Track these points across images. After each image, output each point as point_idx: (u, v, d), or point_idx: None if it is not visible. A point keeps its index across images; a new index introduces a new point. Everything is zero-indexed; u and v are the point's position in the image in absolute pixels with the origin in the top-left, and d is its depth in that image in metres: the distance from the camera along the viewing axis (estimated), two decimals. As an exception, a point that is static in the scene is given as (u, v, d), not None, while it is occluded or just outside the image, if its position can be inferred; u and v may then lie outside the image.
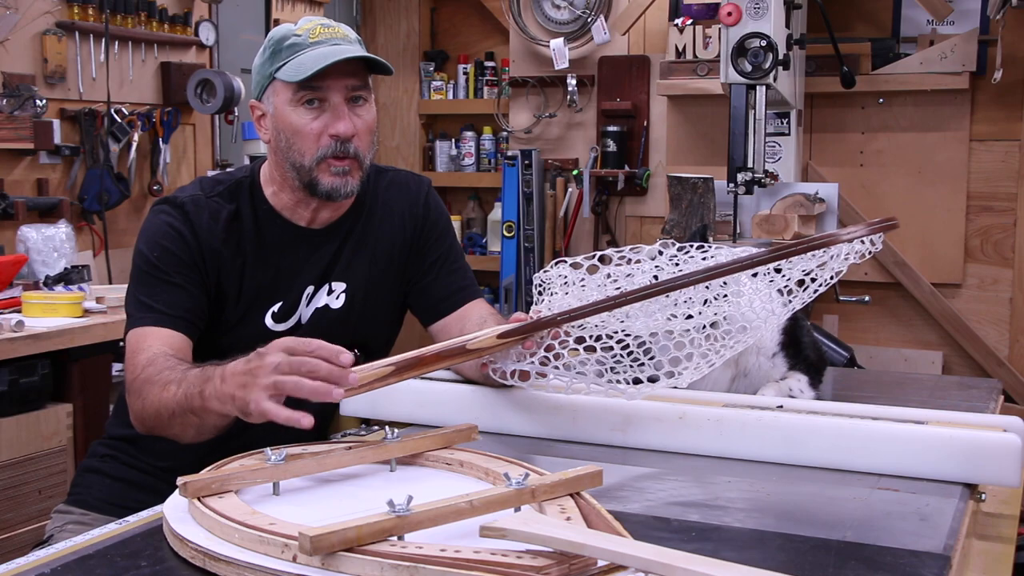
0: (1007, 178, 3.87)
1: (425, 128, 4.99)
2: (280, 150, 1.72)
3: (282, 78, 1.67)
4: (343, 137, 1.68)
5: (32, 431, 2.71)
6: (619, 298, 1.42)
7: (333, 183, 1.70)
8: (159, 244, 1.71)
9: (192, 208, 1.72)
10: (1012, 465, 1.36)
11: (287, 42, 1.69)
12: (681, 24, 4.09)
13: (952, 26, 3.87)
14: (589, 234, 4.47)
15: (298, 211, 1.78)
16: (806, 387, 1.77)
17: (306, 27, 1.70)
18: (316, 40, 1.68)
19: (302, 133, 1.69)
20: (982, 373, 3.84)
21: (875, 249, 1.40)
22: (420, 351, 1.43)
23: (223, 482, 1.22)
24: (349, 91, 1.69)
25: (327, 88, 1.67)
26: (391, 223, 1.87)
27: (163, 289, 1.68)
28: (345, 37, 1.71)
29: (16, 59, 3.34)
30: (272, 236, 1.77)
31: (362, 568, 0.99)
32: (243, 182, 1.79)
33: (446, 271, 1.89)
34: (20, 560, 1.13)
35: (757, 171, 3.29)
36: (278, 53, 1.69)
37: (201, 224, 1.72)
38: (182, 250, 1.70)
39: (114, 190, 3.61)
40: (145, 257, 1.71)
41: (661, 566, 0.92)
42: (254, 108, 1.76)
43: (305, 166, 1.70)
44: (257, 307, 1.76)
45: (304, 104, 1.68)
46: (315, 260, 1.79)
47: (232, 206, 1.75)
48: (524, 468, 1.28)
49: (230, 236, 1.73)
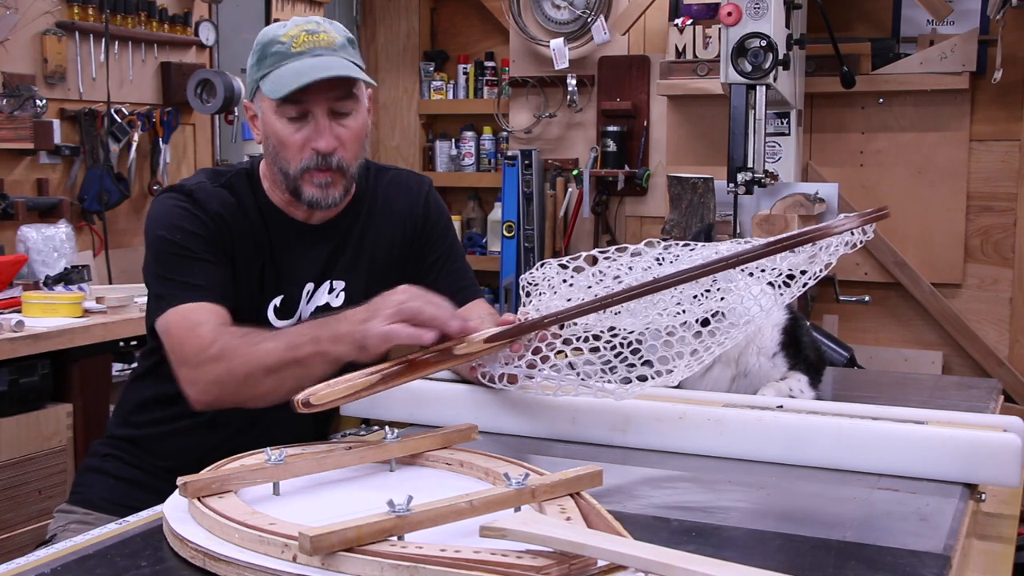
0: (1007, 178, 3.87)
1: (425, 128, 4.99)
2: (270, 154, 1.74)
3: (263, 91, 1.68)
4: (324, 152, 1.69)
5: (32, 431, 2.71)
6: (606, 299, 1.40)
7: (315, 194, 1.72)
8: (178, 226, 1.70)
9: (201, 195, 1.73)
10: (1012, 465, 1.36)
11: (272, 48, 1.69)
12: (681, 24, 4.09)
13: (952, 26, 3.87)
14: (589, 234, 4.47)
15: (291, 208, 1.79)
16: (806, 387, 1.77)
17: (291, 33, 1.69)
18: (299, 51, 1.67)
19: (286, 144, 1.70)
20: (982, 373, 3.84)
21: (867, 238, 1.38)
22: (407, 357, 1.43)
23: (223, 482, 1.22)
24: (331, 103, 1.69)
25: (309, 102, 1.67)
26: (391, 223, 1.87)
27: (196, 266, 1.67)
28: (330, 45, 1.69)
29: (16, 59, 3.34)
30: (273, 230, 1.78)
31: (362, 568, 0.99)
32: (242, 175, 1.80)
33: (447, 271, 1.89)
34: (20, 560, 1.13)
35: (757, 171, 3.29)
36: (263, 60, 1.69)
37: (212, 208, 1.72)
38: (202, 229, 1.70)
39: (114, 190, 3.61)
40: (167, 240, 1.69)
41: (661, 566, 0.92)
42: (247, 108, 1.78)
43: (290, 175, 1.71)
44: (259, 299, 1.76)
45: (287, 116, 1.68)
46: (314, 256, 1.80)
47: (234, 199, 1.76)
48: (524, 468, 1.28)
49: (235, 227, 1.74)
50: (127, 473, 1.83)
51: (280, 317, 1.77)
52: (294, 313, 1.78)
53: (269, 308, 1.76)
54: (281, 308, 1.77)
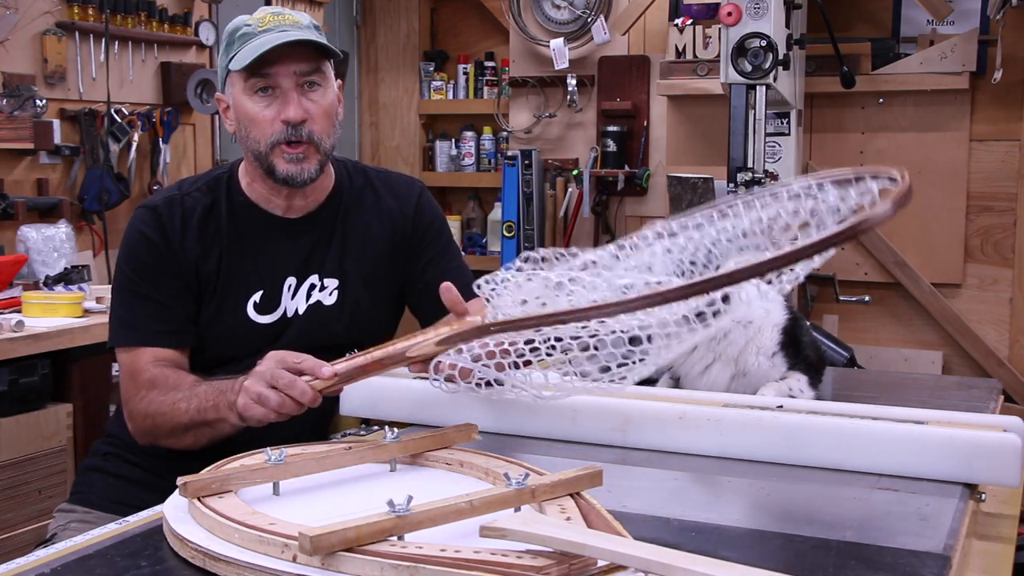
0: (1007, 178, 3.87)
1: (425, 128, 4.99)
2: (243, 140, 1.76)
3: (232, 68, 1.71)
4: (293, 122, 1.70)
5: (32, 431, 2.71)
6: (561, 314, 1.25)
7: (288, 170, 1.73)
8: (134, 255, 1.77)
9: (165, 211, 1.76)
10: (1012, 465, 1.36)
11: (238, 32, 1.72)
12: (681, 24, 4.09)
13: (952, 26, 3.87)
14: (589, 234, 4.47)
15: (273, 200, 1.81)
16: (806, 387, 1.77)
17: (257, 16, 1.73)
18: (265, 28, 1.70)
19: (256, 120, 1.72)
20: (982, 373, 3.84)
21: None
22: (363, 360, 1.43)
23: (223, 482, 1.22)
24: (299, 77, 1.71)
25: (276, 75, 1.70)
26: (377, 220, 1.88)
27: (143, 305, 1.74)
28: (296, 23, 1.72)
29: (16, 59, 3.34)
30: (248, 226, 1.80)
31: (362, 568, 0.99)
32: (221, 177, 1.83)
33: (442, 270, 1.89)
34: (20, 560, 1.13)
35: (757, 171, 3.29)
36: (231, 45, 1.73)
37: (173, 227, 1.75)
38: (157, 260, 1.74)
39: (114, 190, 3.61)
40: (122, 270, 1.77)
41: (661, 566, 0.92)
42: (219, 101, 1.80)
43: (262, 152, 1.73)
44: (237, 297, 1.77)
45: (257, 92, 1.71)
46: (293, 250, 1.81)
47: (208, 199, 1.79)
48: (524, 468, 1.28)
49: (204, 230, 1.77)
50: (128, 472, 1.83)
51: (261, 312, 1.78)
52: (276, 308, 1.79)
53: (248, 304, 1.78)
54: (261, 304, 1.78)
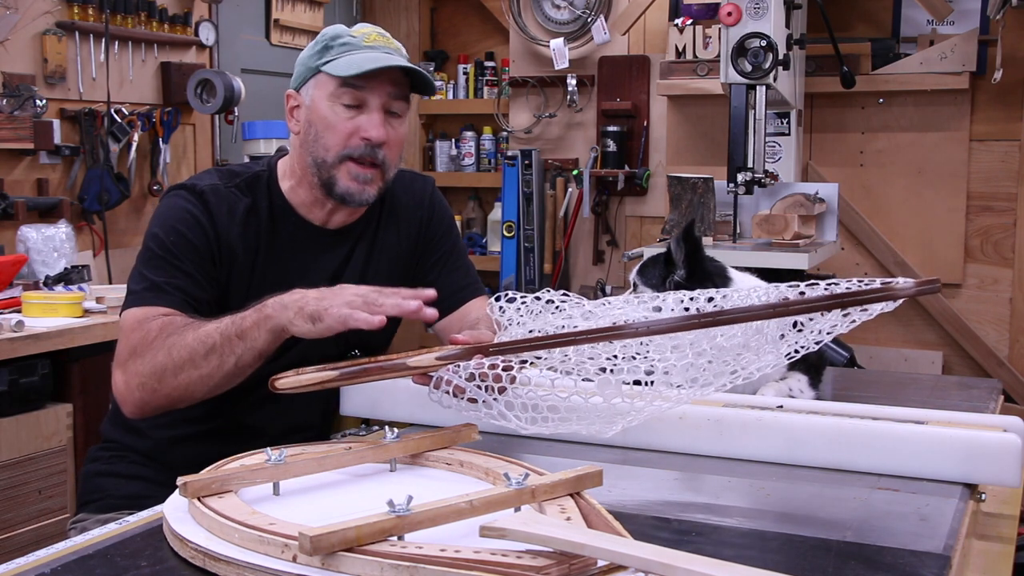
0: (1007, 178, 3.87)
1: (425, 128, 4.99)
2: (307, 143, 1.73)
3: (329, 71, 1.68)
4: (374, 142, 1.69)
5: (32, 431, 2.71)
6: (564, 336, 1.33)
7: (351, 188, 1.71)
8: (176, 229, 1.68)
9: (212, 198, 1.71)
10: (1012, 465, 1.36)
11: (340, 40, 1.71)
12: (681, 24, 4.10)
13: (952, 26, 3.87)
14: (589, 234, 4.47)
15: (313, 210, 1.78)
16: (806, 387, 1.77)
17: (363, 31, 1.72)
18: (371, 44, 1.70)
19: (334, 128, 1.69)
20: (982, 373, 3.84)
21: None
22: (365, 363, 1.44)
23: (223, 482, 1.22)
24: (390, 100, 1.70)
25: (370, 90, 1.68)
26: (401, 226, 1.87)
27: (173, 274, 1.66)
28: (398, 49, 1.74)
29: (16, 59, 3.34)
30: (285, 232, 1.76)
31: (362, 568, 0.99)
32: (261, 175, 1.78)
33: (449, 269, 1.89)
34: (20, 560, 1.13)
35: (757, 171, 3.29)
36: (329, 48, 1.71)
37: (220, 214, 1.70)
38: (199, 238, 1.68)
39: (114, 190, 3.61)
40: (160, 240, 1.68)
41: (661, 566, 0.92)
42: (289, 98, 1.77)
43: (327, 162, 1.70)
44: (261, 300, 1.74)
45: (343, 102, 1.69)
46: (325, 262, 1.79)
47: (248, 199, 1.74)
48: (524, 468, 1.28)
49: (246, 230, 1.72)
50: (137, 471, 1.80)
51: None
52: None
53: None
54: None
